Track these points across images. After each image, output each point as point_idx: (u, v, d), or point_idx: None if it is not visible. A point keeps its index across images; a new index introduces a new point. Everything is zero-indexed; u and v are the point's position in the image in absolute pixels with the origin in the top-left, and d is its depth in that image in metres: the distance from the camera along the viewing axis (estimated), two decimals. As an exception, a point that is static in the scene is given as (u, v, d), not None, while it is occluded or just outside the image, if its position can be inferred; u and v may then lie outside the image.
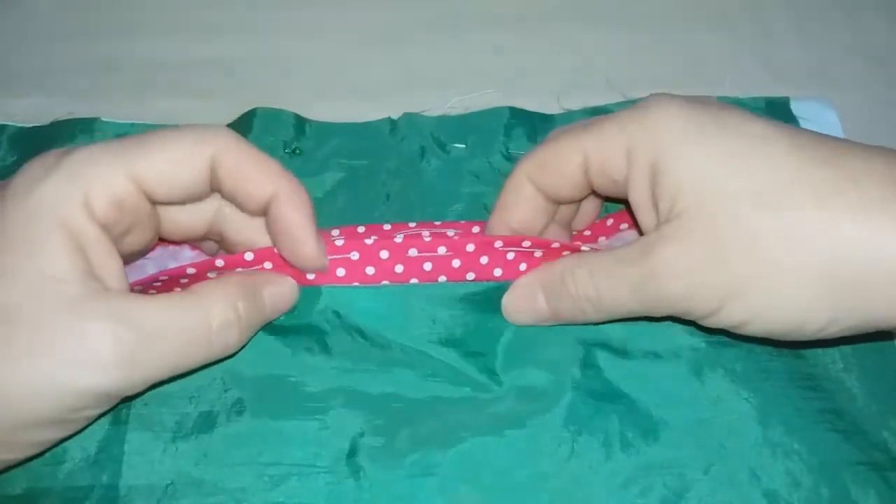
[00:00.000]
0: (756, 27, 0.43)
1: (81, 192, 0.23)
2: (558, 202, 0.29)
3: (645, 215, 0.26)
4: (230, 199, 0.26)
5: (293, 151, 0.35)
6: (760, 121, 0.25)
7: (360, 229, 0.31)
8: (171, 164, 0.24)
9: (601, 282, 0.27)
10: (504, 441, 0.28)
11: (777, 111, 0.38)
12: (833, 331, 0.24)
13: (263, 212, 0.27)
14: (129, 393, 0.24)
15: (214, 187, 0.26)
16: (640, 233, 0.27)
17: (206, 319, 0.24)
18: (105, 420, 0.27)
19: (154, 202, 0.25)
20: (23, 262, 0.22)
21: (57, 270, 0.22)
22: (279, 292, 0.28)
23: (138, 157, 0.24)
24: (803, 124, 0.37)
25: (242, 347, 0.27)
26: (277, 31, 0.42)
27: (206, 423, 0.27)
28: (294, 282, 0.28)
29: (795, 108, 0.38)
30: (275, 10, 0.43)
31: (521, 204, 0.29)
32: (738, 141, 0.24)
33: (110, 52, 0.40)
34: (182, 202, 0.26)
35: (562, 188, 0.28)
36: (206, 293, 0.25)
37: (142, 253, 0.28)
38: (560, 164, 0.27)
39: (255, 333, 0.28)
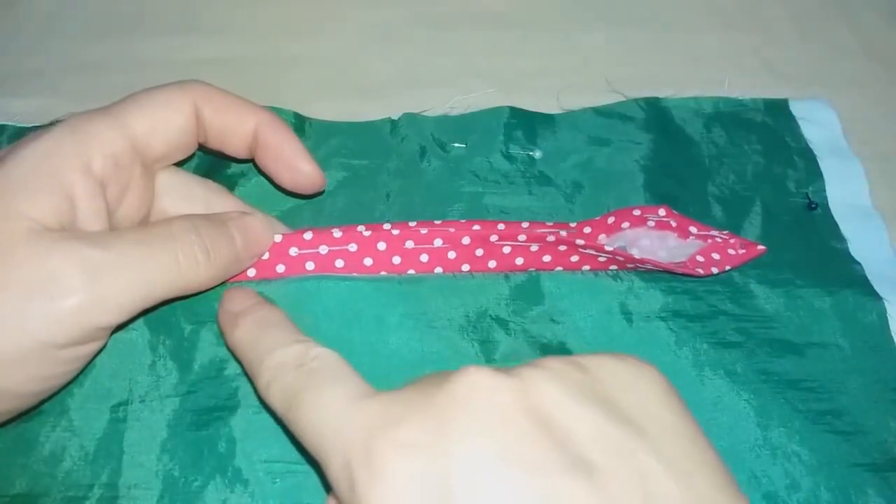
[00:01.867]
0: (756, 27, 0.43)
1: (79, 148, 0.24)
2: None
3: None
4: (218, 141, 0.28)
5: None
6: None
7: (360, 228, 0.31)
8: (161, 115, 0.26)
9: None
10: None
11: (776, 112, 0.38)
12: None
13: (250, 151, 0.28)
14: (106, 320, 0.23)
15: (200, 137, 0.27)
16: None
17: (168, 233, 0.25)
18: (104, 419, 0.27)
19: (149, 160, 0.26)
20: (6, 205, 0.23)
21: (37, 213, 0.23)
22: (246, 223, 0.27)
23: (130, 114, 0.25)
24: (803, 124, 0.37)
25: (220, 285, 0.27)
26: (277, 31, 0.42)
27: (203, 420, 0.27)
28: (260, 214, 0.29)
29: (795, 108, 0.38)
30: (275, 9, 0.43)
31: None
32: None
33: (110, 52, 0.40)
34: (174, 155, 0.27)
35: None
36: (171, 218, 0.26)
37: None
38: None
39: (235, 266, 0.27)
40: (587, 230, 0.32)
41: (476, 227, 0.31)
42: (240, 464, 0.27)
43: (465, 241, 0.29)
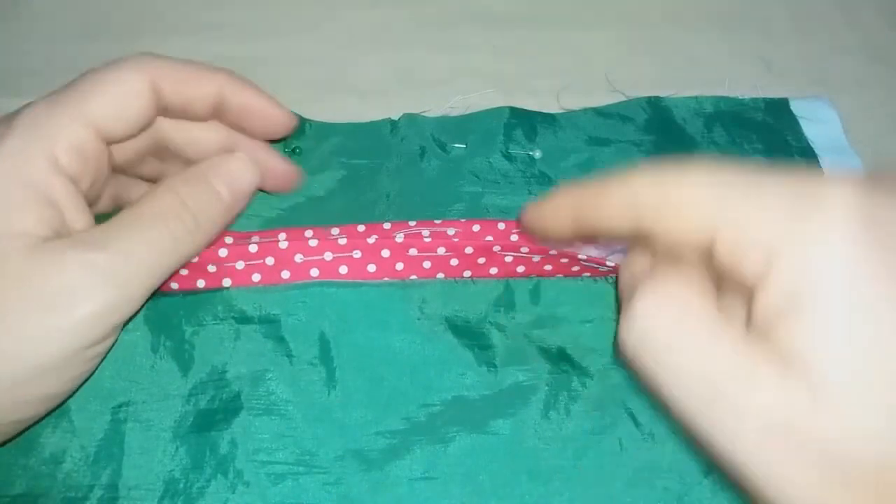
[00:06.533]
0: (756, 27, 0.43)
1: (45, 148, 0.23)
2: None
3: (759, 312, 0.19)
4: (180, 112, 0.27)
5: (293, 151, 0.35)
6: None
7: (360, 228, 0.31)
8: (121, 100, 0.25)
9: (674, 346, 0.20)
10: (505, 438, 0.28)
11: (777, 111, 0.38)
12: None
13: (213, 113, 0.28)
14: (122, 315, 0.24)
15: (160, 110, 0.27)
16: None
17: (158, 214, 0.25)
18: (104, 420, 0.27)
19: (111, 143, 0.26)
20: None
21: (28, 226, 0.22)
22: (229, 172, 0.27)
23: (89, 102, 0.25)
24: (804, 124, 0.37)
25: (216, 236, 0.27)
26: (277, 31, 0.42)
27: (205, 422, 0.27)
28: (242, 156, 0.28)
29: (796, 107, 0.38)
30: (275, 10, 0.43)
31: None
32: None
33: (110, 52, 0.40)
34: (136, 134, 0.27)
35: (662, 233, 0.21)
36: (153, 194, 0.25)
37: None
38: (677, 235, 0.21)
39: (226, 220, 0.27)
40: None
41: (476, 228, 0.31)
42: (241, 465, 0.27)
43: (468, 250, 0.29)
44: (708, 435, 0.19)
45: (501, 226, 0.31)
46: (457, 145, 0.35)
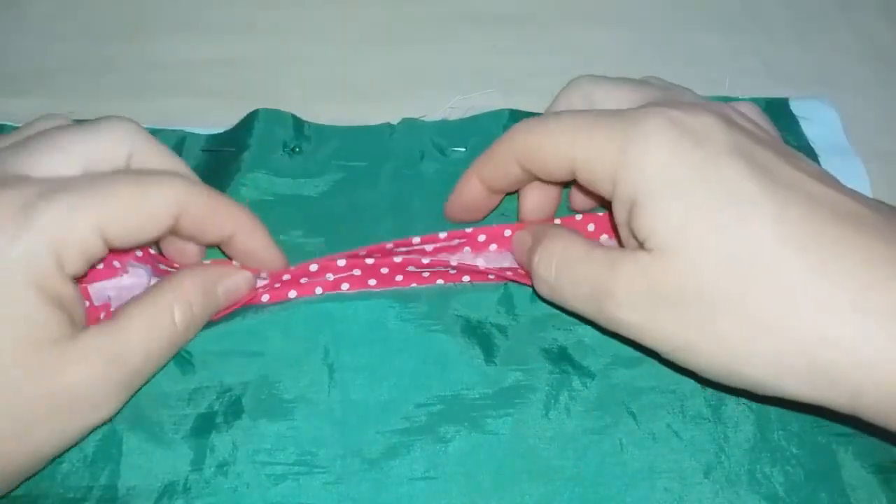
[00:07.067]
0: (756, 27, 0.43)
1: (59, 253, 0.24)
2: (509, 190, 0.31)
3: (624, 234, 0.26)
4: (188, 236, 0.28)
5: (293, 150, 0.35)
6: (754, 177, 0.23)
7: (362, 253, 0.31)
8: (142, 219, 0.25)
9: (564, 271, 0.26)
10: (505, 438, 0.28)
11: (777, 111, 0.38)
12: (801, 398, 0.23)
13: (218, 244, 0.29)
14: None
15: (172, 231, 0.27)
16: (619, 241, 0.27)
17: (172, 326, 0.26)
18: (103, 421, 0.27)
19: (111, 248, 0.26)
20: (23, 332, 0.23)
21: (50, 332, 0.23)
22: (233, 284, 0.29)
23: (110, 213, 0.24)
24: (803, 124, 0.37)
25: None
26: (277, 31, 0.42)
27: (205, 424, 0.27)
28: (249, 273, 0.29)
29: (795, 107, 0.38)
30: (275, 10, 0.43)
31: (504, 180, 0.29)
32: (719, 198, 0.23)
33: (110, 52, 0.40)
34: (136, 247, 0.28)
35: (544, 176, 0.28)
36: (167, 299, 0.26)
37: None
38: (548, 168, 0.27)
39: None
40: (591, 227, 0.32)
41: (482, 237, 0.31)
42: (242, 467, 0.27)
43: (466, 279, 0.31)
44: (605, 324, 0.25)
45: (507, 232, 0.31)
46: (456, 149, 0.35)
